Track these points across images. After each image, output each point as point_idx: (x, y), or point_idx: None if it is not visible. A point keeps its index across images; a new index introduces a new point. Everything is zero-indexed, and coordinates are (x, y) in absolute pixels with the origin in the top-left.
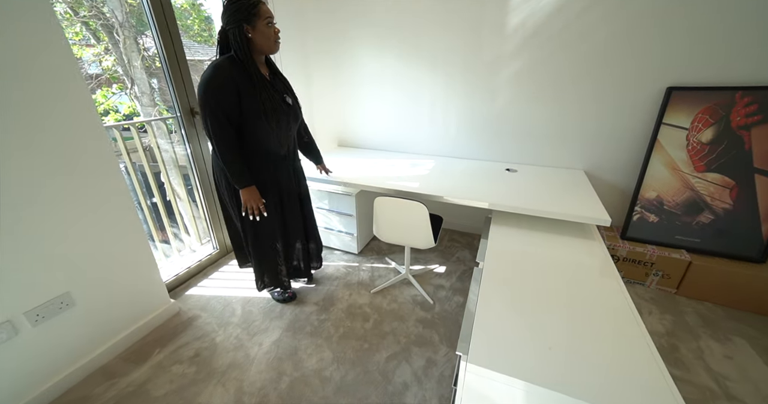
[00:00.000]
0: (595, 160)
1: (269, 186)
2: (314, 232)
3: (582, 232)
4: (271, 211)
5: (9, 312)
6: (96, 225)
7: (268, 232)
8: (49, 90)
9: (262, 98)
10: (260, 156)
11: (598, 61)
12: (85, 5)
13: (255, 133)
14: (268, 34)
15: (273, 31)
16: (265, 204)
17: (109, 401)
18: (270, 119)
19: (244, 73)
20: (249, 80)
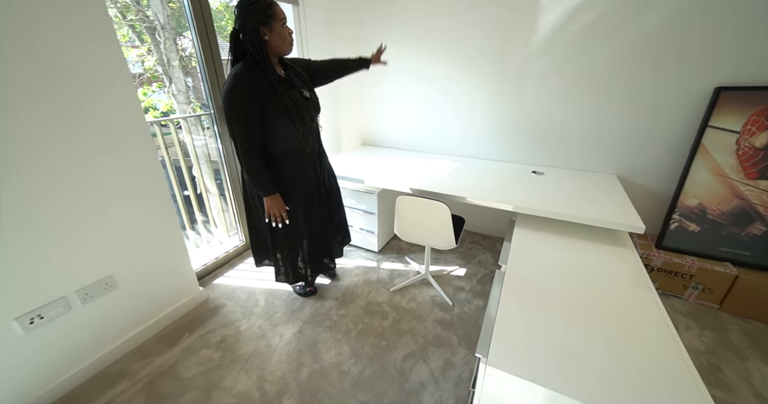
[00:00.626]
0: (629, 164)
1: (296, 190)
2: (343, 226)
3: (613, 239)
4: (297, 215)
5: (64, 290)
6: (136, 215)
7: (294, 234)
8: (102, 88)
9: (281, 98)
10: (285, 160)
11: (635, 59)
12: (132, 9)
13: (279, 135)
14: (284, 36)
15: (287, 33)
16: (288, 211)
17: (144, 378)
18: (292, 116)
19: (262, 76)
20: (267, 83)
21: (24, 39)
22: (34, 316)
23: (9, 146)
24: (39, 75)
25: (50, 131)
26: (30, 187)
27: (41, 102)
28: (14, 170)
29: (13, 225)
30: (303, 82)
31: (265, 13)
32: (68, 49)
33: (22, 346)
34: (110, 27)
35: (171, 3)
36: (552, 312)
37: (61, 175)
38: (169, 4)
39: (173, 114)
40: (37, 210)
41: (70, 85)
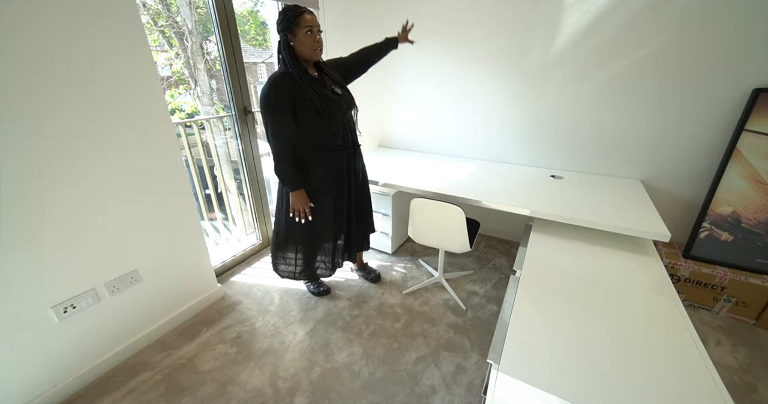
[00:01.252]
0: (654, 169)
1: (327, 186)
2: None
3: (636, 247)
4: (325, 212)
5: (93, 282)
6: (160, 212)
7: (318, 230)
8: (133, 91)
9: (310, 95)
10: (318, 156)
11: (664, 60)
12: (164, 16)
13: (310, 131)
14: (307, 43)
15: (312, 40)
16: (315, 208)
17: (165, 369)
18: (321, 111)
19: (294, 77)
20: (298, 83)
21: (61, 43)
22: (68, 306)
23: (45, 147)
24: (77, 78)
25: (83, 132)
26: (65, 185)
27: (75, 104)
28: (53, 171)
29: (50, 221)
30: (334, 81)
31: (290, 21)
32: (105, 54)
33: (57, 334)
34: (142, 33)
35: (199, 9)
36: (568, 321)
37: (94, 174)
38: (197, 10)
39: (198, 115)
40: (71, 207)
41: (103, 87)
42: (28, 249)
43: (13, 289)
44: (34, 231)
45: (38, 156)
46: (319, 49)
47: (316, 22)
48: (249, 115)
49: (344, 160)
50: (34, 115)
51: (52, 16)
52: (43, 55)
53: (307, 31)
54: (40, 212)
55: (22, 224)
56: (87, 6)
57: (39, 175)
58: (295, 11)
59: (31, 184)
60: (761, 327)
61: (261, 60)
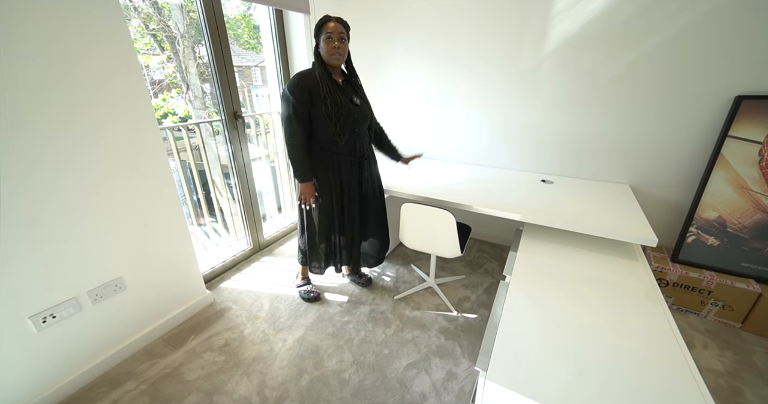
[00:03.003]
0: (642, 174)
1: (331, 182)
2: (375, 232)
3: (624, 252)
4: (330, 207)
5: (75, 290)
6: (147, 218)
7: (324, 224)
8: (118, 93)
9: (327, 99)
10: (327, 155)
11: (650, 67)
12: (155, 19)
13: (321, 130)
14: (326, 48)
15: (329, 46)
16: (318, 200)
17: (150, 378)
18: (333, 117)
19: (318, 79)
20: (320, 83)
21: (41, 40)
22: (47, 315)
23: (21, 150)
24: (57, 76)
25: (64, 134)
26: (44, 189)
27: (54, 106)
28: (28, 173)
29: (28, 226)
30: (357, 92)
31: (317, 28)
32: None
33: (35, 344)
34: (126, 32)
35: (191, 13)
36: (557, 326)
37: (75, 177)
38: (189, 14)
39: (190, 118)
40: (50, 212)
41: (86, 90)
42: (3, 256)
43: None
44: (11, 237)
45: (17, 158)
46: (337, 54)
47: (336, 30)
48: (239, 119)
49: (348, 167)
50: (14, 116)
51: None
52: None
53: (327, 37)
54: (17, 218)
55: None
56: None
57: (18, 177)
58: (322, 20)
59: (7, 188)
60: (748, 330)
61: (255, 63)
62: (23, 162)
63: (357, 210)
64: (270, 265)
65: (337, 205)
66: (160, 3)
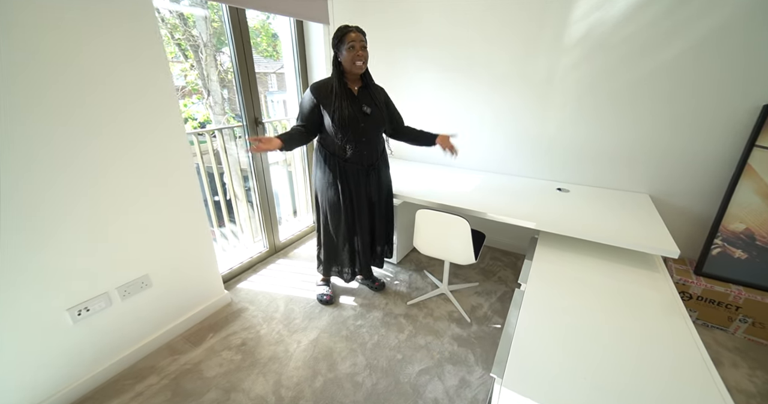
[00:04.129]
0: (663, 184)
1: (338, 183)
2: (383, 236)
3: (644, 263)
4: (338, 211)
5: (106, 286)
6: (172, 218)
7: (334, 225)
8: (149, 100)
9: (335, 112)
10: (336, 161)
11: (672, 75)
12: (180, 29)
13: (331, 140)
14: (348, 57)
15: (352, 54)
16: (329, 208)
17: (171, 374)
18: (338, 125)
19: (330, 88)
20: (329, 94)
21: (81, 53)
22: (82, 309)
23: (62, 154)
24: (94, 85)
25: (99, 140)
26: (82, 191)
27: (92, 112)
28: (70, 177)
29: (68, 225)
30: (371, 101)
31: (338, 38)
32: (121, 62)
33: (71, 335)
34: (160, 44)
35: (214, 23)
36: (574, 336)
37: (109, 181)
38: (212, 24)
39: (209, 123)
40: (87, 213)
41: (119, 95)
42: (47, 251)
43: (33, 290)
44: (54, 234)
45: (56, 163)
46: (361, 62)
47: (358, 39)
48: (260, 125)
49: (355, 174)
50: (50, 123)
51: (74, 17)
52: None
53: (350, 46)
54: (59, 216)
55: (42, 228)
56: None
57: (57, 181)
58: (342, 30)
59: (49, 190)
60: None
61: (272, 70)
62: (63, 163)
63: (365, 217)
64: (285, 268)
65: (346, 212)
66: (186, 14)
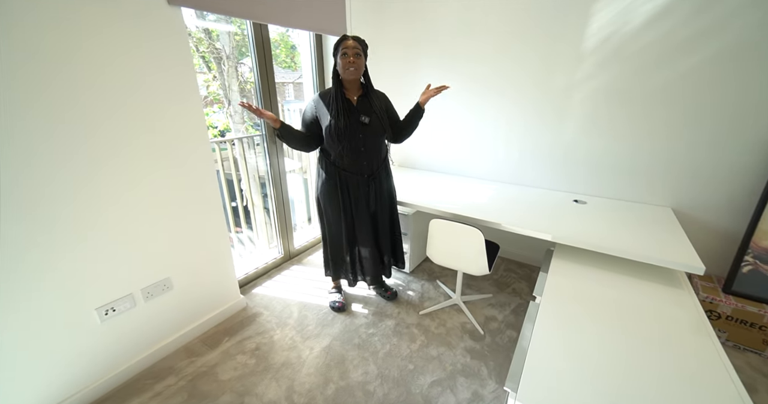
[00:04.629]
0: (687, 197)
1: (338, 193)
2: (387, 246)
3: (666, 279)
4: (338, 220)
5: (131, 287)
6: (194, 223)
7: (334, 236)
8: (176, 109)
9: (331, 122)
10: (335, 170)
11: (697, 85)
12: (205, 42)
13: (328, 145)
14: (341, 64)
15: (344, 61)
16: (330, 216)
17: (188, 375)
18: (333, 136)
19: (330, 98)
20: (326, 103)
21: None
22: (109, 308)
23: (93, 161)
24: (125, 95)
25: (130, 147)
26: (112, 197)
27: (122, 120)
28: (100, 183)
29: (99, 226)
30: (371, 109)
31: (335, 48)
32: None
33: (98, 334)
34: (189, 57)
35: (236, 36)
36: (591, 353)
37: (137, 187)
38: (234, 37)
39: (229, 132)
40: (117, 215)
41: (150, 105)
42: (79, 251)
43: (66, 288)
44: (85, 236)
45: (88, 169)
46: (352, 68)
47: (351, 47)
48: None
49: (355, 184)
50: (84, 129)
51: (113, 36)
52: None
53: (343, 53)
54: (92, 218)
55: (76, 228)
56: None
57: (88, 187)
58: (340, 38)
59: (82, 194)
60: None
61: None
62: (93, 170)
63: (367, 226)
64: (299, 274)
65: (346, 221)
66: (211, 29)
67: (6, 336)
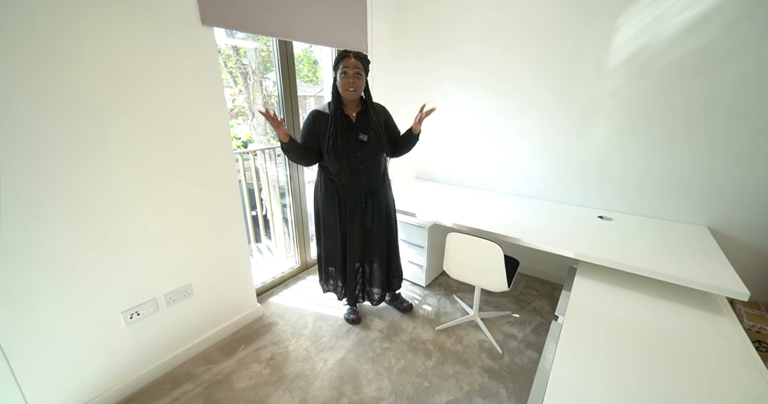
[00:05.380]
0: (725, 215)
1: (335, 207)
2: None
3: (704, 303)
4: (334, 233)
5: (155, 292)
6: (216, 231)
7: (329, 249)
8: (204, 120)
9: (330, 140)
10: (333, 186)
11: (739, 97)
12: (233, 58)
13: (327, 163)
14: (341, 83)
15: (344, 81)
16: (326, 230)
17: (204, 382)
18: (332, 155)
19: (329, 114)
20: (326, 121)
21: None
22: (134, 312)
23: (129, 174)
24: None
25: (161, 159)
26: (143, 202)
27: (157, 133)
28: (133, 194)
29: (128, 231)
30: (369, 127)
31: (335, 63)
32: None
33: (123, 337)
34: (218, 73)
35: (262, 52)
36: (619, 379)
37: (167, 192)
38: (260, 53)
39: (251, 143)
40: (146, 220)
41: (182, 117)
42: (112, 256)
43: (95, 290)
44: (117, 240)
45: (128, 182)
46: (352, 89)
47: (352, 66)
48: None
49: (352, 201)
50: (127, 143)
51: (154, 54)
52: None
53: (343, 72)
54: (123, 223)
55: (107, 232)
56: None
57: (123, 192)
58: (341, 55)
59: (114, 204)
60: None
61: (311, 94)
62: (127, 184)
63: (362, 243)
64: (314, 284)
65: (342, 236)
66: (238, 45)
67: (46, 335)
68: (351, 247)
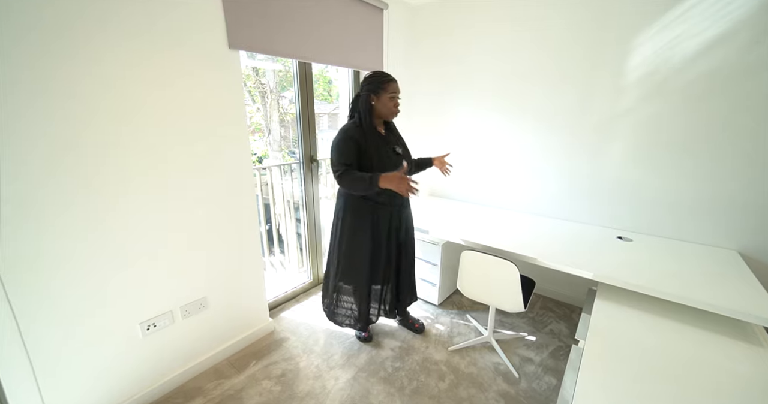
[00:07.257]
0: (755, 240)
1: (368, 225)
2: (405, 283)
3: (738, 332)
4: (357, 255)
5: (171, 304)
6: (232, 245)
7: (356, 273)
8: (227, 137)
9: (374, 154)
10: (366, 204)
11: (757, 116)
12: (252, 78)
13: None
14: (389, 106)
15: (393, 104)
16: (354, 250)
17: (215, 398)
18: (375, 165)
19: (364, 132)
20: (366, 137)
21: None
22: (150, 324)
23: (153, 188)
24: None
25: (186, 176)
26: (163, 217)
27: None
28: (155, 208)
29: (145, 243)
30: (397, 141)
31: (378, 85)
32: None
33: (139, 348)
34: (241, 93)
35: (279, 72)
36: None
37: (185, 207)
38: (278, 73)
39: (266, 158)
40: (164, 234)
41: (206, 134)
42: (129, 270)
43: (115, 302)
44: (140, 253)
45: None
46: (397, 111)
47: (398, 90)
48: (314, 162)
49: (387, 216)
50: (155, 157)
51: (185, 76)
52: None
53: (392, 96)
54: (142, 240)
55: (126, 249)
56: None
57: (146, 213)
58: (385, 77)
59: (138, 220)
60: None
61: (326, 112)
62: (152, 199)
63: (388, 259)
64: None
65: (373, 257)
66: (258, 67)
67: (68, 343)
68: (375, 266)
